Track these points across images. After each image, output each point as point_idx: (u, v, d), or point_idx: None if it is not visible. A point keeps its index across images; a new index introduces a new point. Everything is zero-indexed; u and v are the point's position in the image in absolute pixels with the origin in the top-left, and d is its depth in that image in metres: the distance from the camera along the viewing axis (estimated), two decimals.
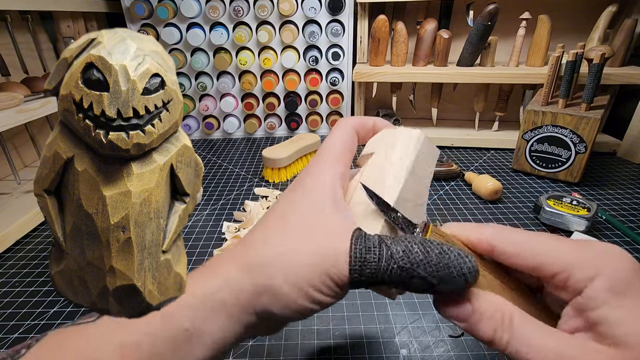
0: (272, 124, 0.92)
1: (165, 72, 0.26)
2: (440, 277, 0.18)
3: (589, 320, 0.17)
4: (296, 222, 0.21)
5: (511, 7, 0.82)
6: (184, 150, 0.31)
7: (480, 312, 0.19)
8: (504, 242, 0.20)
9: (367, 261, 0.19)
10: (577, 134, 0.62)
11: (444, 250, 0.19)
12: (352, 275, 0.19)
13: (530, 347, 0.17)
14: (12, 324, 0.38)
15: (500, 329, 0.18)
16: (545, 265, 0.18)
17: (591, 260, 0.18)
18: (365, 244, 0.19)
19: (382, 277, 0.19)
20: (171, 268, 0.38)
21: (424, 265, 0.18)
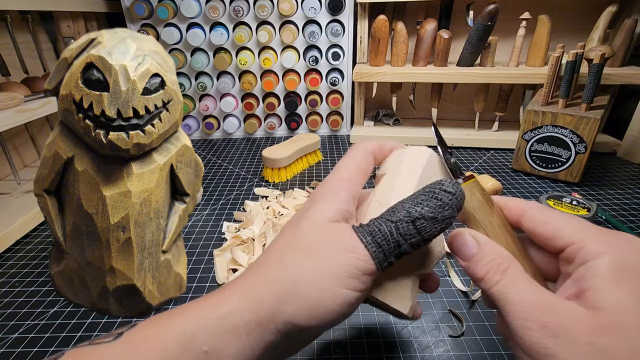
0: (272, 124, 0.92)
1: (165, 72, 0.26)
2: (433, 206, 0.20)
3: (581, 287, 0.18)
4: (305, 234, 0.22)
5: (511, 7, 0.82)
6: (184, 150, 0.31)
7: (484, 253, 0.21)
8: (533, 210, 0.22)
9: (373, 233, 0.21)
10: (577, 134, 0.62)
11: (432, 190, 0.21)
12: (371, 250, 0.20)
13: (514, 290, 0.19)
14: (12, 324, 0.38)
15: (493, 271, 0.20)
16: (562, 235, 0.20)
17: (608, 240, 0.18)
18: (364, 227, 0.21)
19: (396, 239, 0.20)
20: (171, 268, 0.38)
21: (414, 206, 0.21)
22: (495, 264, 0.20)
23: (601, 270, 0.17)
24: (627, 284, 0.17)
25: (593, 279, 0.17)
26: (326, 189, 0.24)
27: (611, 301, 0.16)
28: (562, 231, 0.20)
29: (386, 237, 0.20)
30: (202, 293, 0.41)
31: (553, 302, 0.18)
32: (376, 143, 0.27)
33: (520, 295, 0.18)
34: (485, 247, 0.21)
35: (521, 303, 0.18)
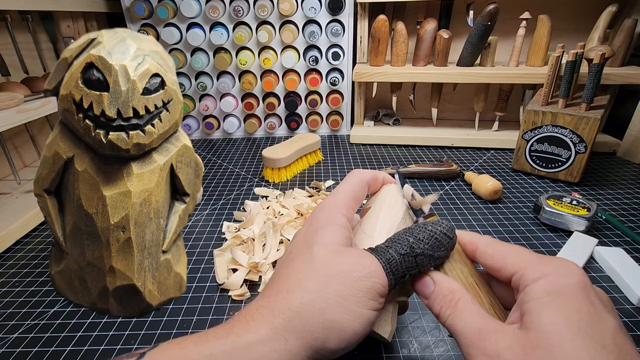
0: (272, 124, 0.92)
1: (165, 72, 0.26)
2: (431, 246, 0.23)
3: (521, 311, 0.19)
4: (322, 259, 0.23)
5: (511, 7, 0.82)
6: (184, 150, 0.30)
7: (438, 291, 0.23)
8: (486, 246, 0.24)
9: (390, 261, 0.23)
10: (577, 134, 0.62)
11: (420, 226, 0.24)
12: (389, 278, 0.23)
13: (460, 321, 0.21)
14: (12, 324, 0.38)
15: (445, 307, 0.22)
16: (507, 265, 0.22)
17: (544, 267, 0.20)
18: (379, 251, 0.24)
19: (402, 269, 0.23)
20: (171, 268, 0.38)
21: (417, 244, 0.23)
22: (447, 299, 0.22)
23: (535, 294, 0.19)
24: (554, 304, 0.18)
25: (528, 303, 0.19)
26: (328, 214, 0.26)
27: (540, 321, 0.18)
28: (506, 262, 0.22)
29: (397, 266, 0.23)
30: (202, 293, 0.41)
31: (492, 327, 0.19)
32: (371, 173, 0.30)
33: (465, 325, 0.20)
34: (440, 285, 0.23)
35: (466, 332, 0.20)
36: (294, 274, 0.23)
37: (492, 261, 0.23)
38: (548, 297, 0.18)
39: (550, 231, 0.52)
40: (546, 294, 0.18)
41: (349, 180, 0.29)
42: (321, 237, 0.24)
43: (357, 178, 0.29)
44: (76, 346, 0.35)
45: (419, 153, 0.82)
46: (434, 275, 0.24)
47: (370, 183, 0.30)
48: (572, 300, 0.18)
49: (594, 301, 0.18)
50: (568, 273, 0.19)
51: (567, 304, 0.18)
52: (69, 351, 0.35)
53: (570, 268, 0.19)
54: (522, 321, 0.19)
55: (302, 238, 0.26)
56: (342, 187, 0.28)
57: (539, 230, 0.52)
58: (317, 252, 0.23)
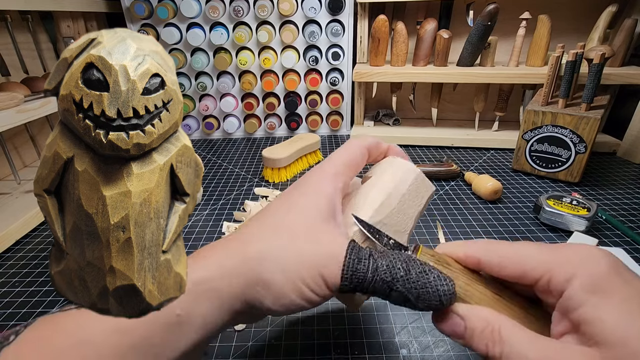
0: (272, 124, 0.92)
1: (165, 72, 0.26)
2: (417, 294, 0.20)
3: (572, 321, 0.18)
4: (295, 222, 0.23)
5: (511, 7, 0.82)
6: (184, 150, 0.31)
7: (472, 328, 0.20)
8: (489, 255, 0.21)
9: (357, 271, 0.21)
10: (577, 134, 0.62)
11: (424, 270, 0.20)
12: (342, 281, 0.21)
13: (520, 357, 0.18)
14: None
15: (491, 344, 0.19)
16: (527, 272, 0.19)
17: (567, 262, 0.18)
18: (358, 255, 0.21)
19: (367, 287, 0.21)
20: (171, 268, 0.38)
21: (403, 281, 0.20)
22: (488, 334, 0.19)
23: (579, 297, 0.17)
24: (609, 301, 0.17)
25: (577, 311, 0.17)
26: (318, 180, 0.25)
27: (609, 330, 0.16)
28: (523, 269, 0.19)
29: (362, 282, 0.21)
30: None
31: (558, 352, 0.17)
32: (373, 139, 0.28)
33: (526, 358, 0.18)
34: (469, 320, 0.20)
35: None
36: (261, 229, 0.23)
37: (505, 272, 0.20)
38: (596, 297, 0.17)
39: (550, 231, 0.52)
40: (590, 294, 0.17)
41: (346, 146, 0.27)
42: (302, 204, 0.23)
43: (356, 143, 0.27)
44: None
45: (419, 153, 0.82)
46: (458, 309, 0.21)
47: (372, 150, 0.28)
48: (617, 292, 0.17)
49: (631, 282, 0.17)
50: (596, 261, 0.18)
51: (617, 298, 0.17)
52: None
53: (594, 254, 0.18)
54: (580, 333, 0.17)
55: (286, 197, 0.25)
56: (338, 153, 0.26)
57: (539, 230, 0.52)
58: (291, 219, 0.23)
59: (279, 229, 0.23)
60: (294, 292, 0.21)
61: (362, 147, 0.27)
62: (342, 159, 0.26)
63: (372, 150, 0.28)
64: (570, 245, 0.19)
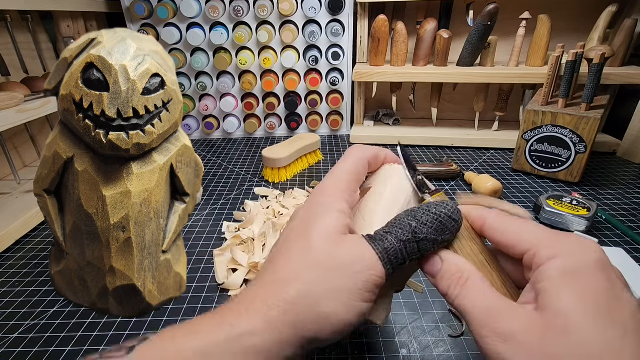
0: (272, 124, 0.92)
1: (165, 72, 0.26)
2: (435, 230, 0.22)
3: (536, 291, 0.18)
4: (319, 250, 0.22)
5: (511, 7, 0.82)
6: (184, 150, 0.30)
7: (446, 270, 0.22)
8: (494, 219, 0.22)
9: (387, 250, 0.22)
10: (577, 134, 0.62)
11: (424, 208, 0.22)
12: (386, 267, 0.22)
13: (470, 301, 0.20)
14: (12, 324, 0.38)
15: (454, 286, 0.21)
16: (520, 242, 0.20)
17: (559, 245, 0.19)
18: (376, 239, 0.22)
19: (402, 256, 0.22)
20: (171, 268, 0.38)
21: (419, 228, 0.22)
22: (455, 278, 0.21)
23: (551, 273, 0.18)
24: (572, 284, 0.17)
25: (543, 282, 0.18)
26: (327, 198, 0.24)
27: (557, 302, 0.17)
28: (519, 239, 0.20)
29: (397, 255, 0.22)
30: (202, 293, 0.41)
31: (505, 307, 0.19)
32: (372, 150, 0.28)
33: (475, 305, 0.19)
34: (447, 263, 0.22)
35: (476, 312, 0.19)
36: (290, 264, 0.22)
37: (502, 238, 0.21)
38: (565, 277, 0.17)
39: None
40: (563, 274, 0.18)
41: (348, 159, 0.27)
42: (320, 224, 0.23)
43: (358, 156, 0.27)
44: (76, 346, 0.35)
45: (419, 153, 0.82)
46: (442, 254, 0.23)
47: (371, 161, 0.28)
48: (590, 281, 0.17)
49: (614, 281, 0.17)
50: (586, 251, 0.18)
51: (586, 284, 0.17)
52: (69, 351, 0.35)
53: (589, 246, 0.18)
54: (537, 302, 0.18)
55: (300, 223, 0.24)
56: (341, 167, 0.26)
57: None
58: (315, 242, 0.22)
59: (310, 259, 0.22)
60: (348, 313, 0.21)
61: (364, 159, 0.27)
62: (346, 173, 0.26)
63: (372, 161, 0.28)
64: (571, 234, 0.20)
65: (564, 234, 0.20)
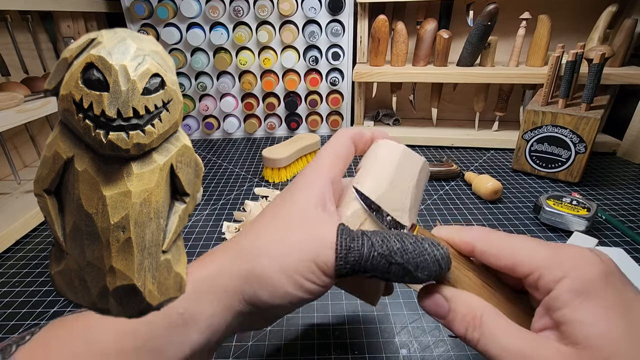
0: (272, 124, 0.92)
1: (165, 72, 0.26)
2: (416, 263, 0.20)
3: (554, 319, 0.18)
4: (286, 217, 0.23)
5: (511, 7, 0.82)
6: (184, 150, 0.31)
7: (455, 311, 0.20)
8: (484, 243, 0.21)
9: (351, 249, 0.21)
10: (577, 134, 0.62)
11: (418, 239, 0.21)
12: (337, 262, 0.21)
13: (496, 345, 0.18)
14: (12, 324, 0.39)
15: (471, 329, 0.20)
16: (519, 265, 0.19)
17: (560, 263, 0.18)
18: (350, 235, 0.21)
19: (364, 265, 0.21)
20: (171, 268, 0.38)
21: (400, 253, 0.20)
22: (469, 318, 0.20)
23: (564, 298, 0.18)
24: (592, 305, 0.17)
25: (561, 311, 0.18)
26: (306, 178, 0.25)
27: (586, 335, 0.17)
28: (517, 262, 0.20)
29: (359, 259, 0.21)
30: None
31: (534, 346, 0.18)
32: (355, 129, 0.27)
33: (502, 349, 0.18)
34: (454, 303, 0.21)
35: (505, 356, 0.18)
36: (256, 224, 0.24)
37: (498, 262, 0.21)
38: (581, 300, 0.17)
39: (550, 231, 0.52)
40: (576, 296, 0.17)
41: (330, 142, 0.27)
42: (294, 198, 0.24)
43: (340, 136, 0.27)
44: None
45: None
46: (444, 292, 0.21)
47: (356, 140, 0.27)
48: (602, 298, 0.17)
49: (621, 289, 0.17)
50: (589, 266, 0.18)
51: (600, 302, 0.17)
52: None
53: (588, 258, 0.18)
54: (559, 332, 0.18)
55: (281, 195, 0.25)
56: (324, 149, 0.26)
57: (539, 230, 0.52)
58: (286, 209, 0.23)
59: (272, 223, 0.23)
60: (289, 284, 0.21)
61: (346, 137, 0.27)
62: (329, 152, 0.26)
63: (357, 139, 0.27)
64: (567, 247, 0.19)
65: (561, 247, 0.19)
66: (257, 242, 0.22)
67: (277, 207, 0.24)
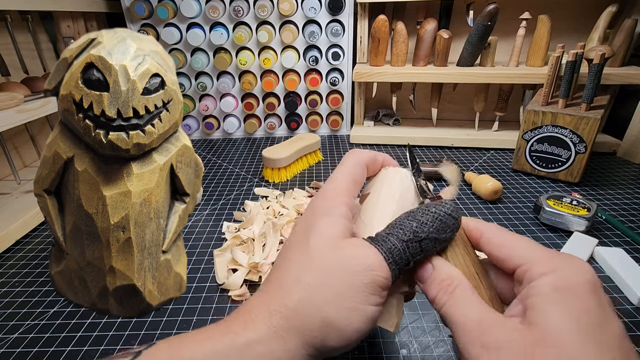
0: (272, 124, 0.92)
1: (165, 72, 0.26)
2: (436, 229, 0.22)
3: (524, 306, 0.19)
4: (319, 252, 0.22)
5: (511, 7, 0.82)
6: (184, 150, 0.30)
7: (436, 276, 0.22)
8: (493, 234, 0.22)
9: (391, 250, 0.22)
10: (577, 134, 0.62)
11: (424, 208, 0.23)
12: (391, 268, 0.21)
13: (457, 310, 0.20)
14: (12, 324, 0.38)
15: (442, 293, 0.21)
16: (514, 257, 0.20)
17: (552, 262, 0.19)
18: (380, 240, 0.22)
19: (405, 255, 0.22)
20: (171, 268, 0.38)
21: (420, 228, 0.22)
22: (444, 284, 0.21)
23: (541, 289, 0.18)
24: (563, 301, 0.17)
25: (534, 297, 0.18)
26: (327, 202, 0.24)
27: (546, 318, 0.17)
28: (513, 253, 0.21)
29: (400, 255, 0.22)
30: (202, 293, 0.41)
31: (492, 319, 0.19)
32: (370, 154, 0.28)
33: (463, 315, 0.19)
34: (438, 270, 0.22)
35: (464, 323, 0.19)
36: (291, 269, 0.22)
37: (497, 251, 0.22)
38: (556, 294, 0.17)
39: (550, 231, 0.52)
40: (554, 291, 0.18)
41: (346, 163, 0.27)
42: (320, 227, 0.23)
43: (355, 160, 0.27)
44: (76, 346, 0.35)
45: (419, 153, 0.82)
46: (434, 261, 0.23)
47: (369, 165, 0.28)
48: (581, 300, 0.17)
49: (603, 303, 0.18)
50: (579, 271, 0.18)
51: (577, 303, 0.17)
52: (69, 351, 0.35)
53: (581, 266, 0.18)
54: (525, 316, 0.18)
55: (302, 228, 0.24)
56: (340, 171, 0.26)
57: (539, 230, 0.52)
58: (314, 245, 0.22)
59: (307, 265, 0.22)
60: (355, 317, 0.20)
61: (362, 164, 0.27)
62: (345, 177, 0.26)
63: (370, 165, 0.28)
64: (567, 254, 0.20)
65: (560, 253, 0.20)
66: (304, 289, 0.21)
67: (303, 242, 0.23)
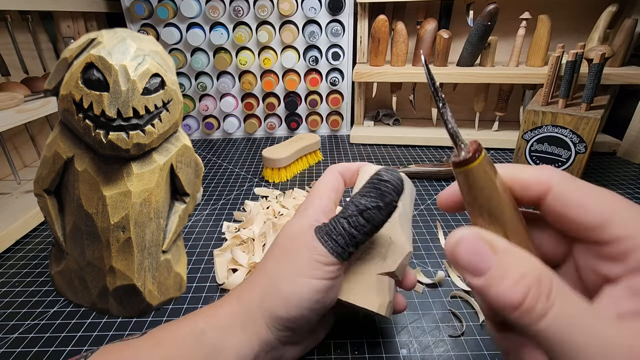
0: (272, 124, 0.92)
1: (165, 72, 0.26)
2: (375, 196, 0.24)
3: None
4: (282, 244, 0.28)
5: (511, 7, 0.82)
6: (184, 150, 0.31)
7: (505, 267, 0.14)
8: (567, 187, 0.16)
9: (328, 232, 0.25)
10: (577, 134, 0.62)
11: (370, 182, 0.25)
12: (328, 245, 0.25)
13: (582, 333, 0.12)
14: (12, 324, 0.38)
15: (536, 295, 0.13)
16: (612, 224, 0.14)
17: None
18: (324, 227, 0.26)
19: (348, 232, 0.24)
20: (171, 268, 0.38)
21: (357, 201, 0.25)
22: (531, 281, 0.13)
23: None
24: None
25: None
26: (300, 210, 0.30)
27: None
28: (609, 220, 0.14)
29: (340, 232, 0.25)
30: (202, 293, 0.41)
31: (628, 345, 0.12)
32: (343, 165, 0.32)
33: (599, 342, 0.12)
34: (507, 257, 0.14)
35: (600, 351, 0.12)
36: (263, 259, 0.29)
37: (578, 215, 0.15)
38: None
39: None
40: None
41: (322, 177, 0.32)
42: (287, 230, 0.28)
43: (330, 172, 0.32)
44: (76, 346, 0.35)
45: (419, 153, 0.82)
46: (492, 239, 0.15)
47: (344, 173, 0.32)
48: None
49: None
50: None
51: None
52: (69, 351, 0.35)
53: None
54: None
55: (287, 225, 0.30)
56: (316, 185, 0.31)
57: None
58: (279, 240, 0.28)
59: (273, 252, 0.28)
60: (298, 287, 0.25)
61: (335, 172, 0.31)
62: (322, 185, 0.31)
63: (344, 173, 0.32)
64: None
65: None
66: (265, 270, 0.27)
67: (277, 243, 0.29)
